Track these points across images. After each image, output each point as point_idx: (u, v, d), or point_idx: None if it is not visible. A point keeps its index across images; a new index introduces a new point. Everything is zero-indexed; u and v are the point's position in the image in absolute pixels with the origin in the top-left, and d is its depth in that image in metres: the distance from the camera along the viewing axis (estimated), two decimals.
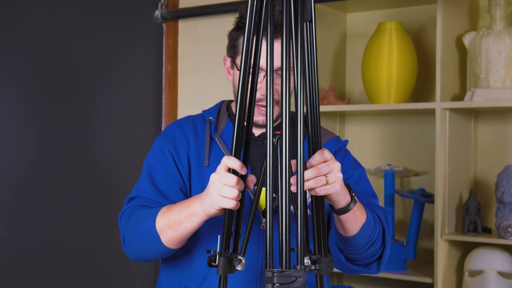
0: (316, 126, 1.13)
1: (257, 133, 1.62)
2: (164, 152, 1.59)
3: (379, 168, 2.98)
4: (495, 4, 2.63)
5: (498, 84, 2.61)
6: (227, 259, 1.14)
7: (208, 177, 1.49)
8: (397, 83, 2.83)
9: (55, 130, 2.42)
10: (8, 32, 2.28)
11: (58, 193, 2.45)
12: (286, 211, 1.05)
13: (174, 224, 1.39)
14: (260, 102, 1.52)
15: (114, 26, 2.66)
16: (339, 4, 3.07)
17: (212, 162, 1.55)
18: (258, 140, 1.55)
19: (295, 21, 1.08)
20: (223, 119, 1.63)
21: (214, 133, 1.59)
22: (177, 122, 1.67)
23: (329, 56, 3.16)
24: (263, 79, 1.48)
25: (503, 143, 2.84)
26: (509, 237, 2.51)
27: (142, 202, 1.55)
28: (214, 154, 1.56)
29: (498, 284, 2.53)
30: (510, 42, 2.60)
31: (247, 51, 1.13)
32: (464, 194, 2.79)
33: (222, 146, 1.57)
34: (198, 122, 1.63)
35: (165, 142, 1.61)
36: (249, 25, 1.11)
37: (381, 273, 2.82)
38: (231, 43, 1.59)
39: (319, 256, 1.10)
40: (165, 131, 1.65)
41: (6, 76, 2.28)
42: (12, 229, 2.26)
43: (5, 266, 2.23)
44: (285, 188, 1.04)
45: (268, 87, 1.08)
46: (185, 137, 1.60)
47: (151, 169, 1.60)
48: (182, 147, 1.58)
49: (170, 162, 1.58)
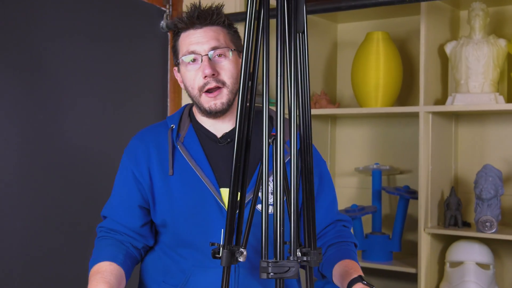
0: (308, 128, 1.14)
1: (219, 133, 1.55)
2: (126, 170, 1.55)
3: (367, 167, 2.99)
4: (475, 15, 2.64)
5: (477, 89, 2.62)
6: (230, 251, 1.15)
7: (174, 186, 1.50)
8: (384, 88, 2.83)
9: (61, 132, 2.40)
10: (24, 41, 2.28)
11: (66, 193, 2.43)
12: (280, 208, 1.05)
13: None
14: (207, 86, 1.47)
15: (124, 35, 2.67)
16: (330, 15, 3.08)
17: (176, 170, 1.50)
18: (221, 141, 1.54)
19: (289, 32, 1.08)
20: (185, 124, 1.56)
21: (176, 141, 1.52)
22: (139, 135, 1.59)
23: (321, 63, 3.17)
24: (201, 63, 1.47)
25: (482, 144, 2.85)
26: (487, 231, 2.52)
27: (111, 225, 1.55)
28: (178, 163, 1.50)
29: (476, 274, 2.54)
30: (488, 50, 2.61)
31: (247, 57, 1.13)
32: (446, 191, 2.79)
33: (185, 153, 1.50)
34: (161, 131, 1.56)
35: (128, 158, 1.56)
36: (248, 33, 1.12)
37: (369, 264, 2.83)
38: (173, 52, 1.56)
39: (309, 249, 1.11)
40: (129, 146, 1.59)
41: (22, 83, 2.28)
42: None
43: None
44: (279, 187, 1.05)
45: (264, 92, 1.09)
46: (146, 149, 1.53)
47: (116, 187, 1.58)
48: (143, 161, 1.52)
49: (130, 180, 1.53)
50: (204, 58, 1.48)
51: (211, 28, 1.50)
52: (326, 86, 3.19)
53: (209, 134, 1.55)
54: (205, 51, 1.48)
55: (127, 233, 1.53)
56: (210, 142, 1.54)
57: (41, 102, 2.33)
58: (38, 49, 2.32)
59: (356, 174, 3.16)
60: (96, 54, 2.54)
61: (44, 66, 2.34)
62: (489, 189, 2.53)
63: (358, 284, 1.32)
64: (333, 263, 1.45)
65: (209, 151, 1.53)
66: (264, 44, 1.09)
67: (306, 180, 1.12)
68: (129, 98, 2.69)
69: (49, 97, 2.36)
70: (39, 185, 2.32)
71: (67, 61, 2.41)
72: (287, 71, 1.09)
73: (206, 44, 1.48)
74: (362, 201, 3.11)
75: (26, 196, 2.28)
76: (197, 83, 1.49)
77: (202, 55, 1.48)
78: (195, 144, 1.53)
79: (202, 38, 1.48)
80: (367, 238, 2.89)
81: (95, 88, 2.54)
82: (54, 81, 2.37)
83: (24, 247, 2.27)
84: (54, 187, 2.37)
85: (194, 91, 1.51)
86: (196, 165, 1.49)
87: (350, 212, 2.86)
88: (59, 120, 2.39)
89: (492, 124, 2.83)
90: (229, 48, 1.50)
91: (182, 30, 1.52)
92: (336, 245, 1.51)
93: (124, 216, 1.54)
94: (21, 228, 2.26)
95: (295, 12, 1.09)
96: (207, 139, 1.54)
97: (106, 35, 2.58)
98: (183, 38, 1.52)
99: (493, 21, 2.81)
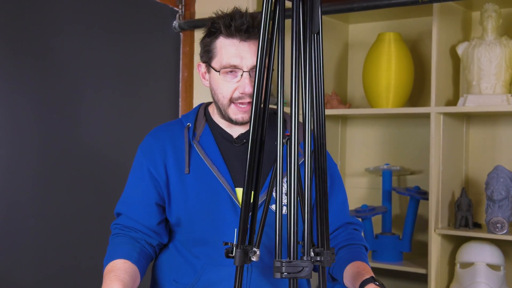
0: (322, 129, 1.13)
1: (235, 134, 1.54)
2: (142, 167, 1.53)
3: (378, 167, 2.98)
4: (487, 17, 2.62)
5: (489, 90, 2.60)
6: (243, 250, 1.15)
7: (189, 184, 1.49)
8: (395, 89, 2.82)
9: (75, 131, 2.41)
10: (40, 42, 2.29)
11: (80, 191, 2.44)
12: (294, 209, 1.05)
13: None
14: (240, 100, 1.46)
15: (137, 34, 2.67)
16: (342, 16, 3.07)
17: (193, 169, 1.49)
18: (237, 141, 1.53)
19: (304, 32, 1.08)
20: (201, 124, 1.55)
21: (192, 139, 1.51)
22: (154, 132, 1.58)
23: (332, 63, 3.16)
24: (240, 78, 1.44)
25: (493, 145, 2.83)
26: (498, 232, 2.51)
27: (125, 222, 1.53)
28: (194, 161, 1.50)
29: (487, 275, 2.52)
30: (500, 51, 2.59)
31: (262, 57, 1.12)
32: (456, 192, 2.78)
33: (201, 152, 1.50)
34: (176, 129, 1.55)
35: (143, 155, 1.54)
36: (263, 33, 1.11)
37: (379, 264, 2.82)
38: (204, 49, 1.51)
39: (322, 249, 1.10)
40: (144, 143, 1.58)
41: (37, 82, 2.29)
42: (8, 227, 2.19)
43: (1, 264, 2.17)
44: (293, 186, 1.05)
45: (278, 92, 1.08)
46: (162, 147, 1.52)
47: (131, 184, 1.56)
48: (160, 158, 1.51)
49: (146, 177, 1.52)
50: (245, 75, 1.45)
51: (255, 43, 1.45)
52: (337, 87, 3.18)
53: (225, 134, 1.54)
54: (247, 67, 1.44)
55: (142, 230, 1.53)
56: (226, 142, 1.54)
57: (55, 101, 2.34)
58: (52, 47, 2.33)
59: (367, 174, 3.15)
60: (109, 53, 2.54)
61: (58, 65, 2.35)
62: (500, 190, 2.52)
63: (371, 284, 1.32)
64: (344, 265, 1.44)
65: (225, 151, 1.52)
66: (279, 45, 1.08)
67: (320, 180, 1.12)
68: (142, 97, 2.70)
69: (63, 97, 2.37)
70: (54, 183, 2.33)
71: (80, 60, 2.42)
72: (302, 72, 1.08)
73: (249, 60, 1.44)
74: (372, 202, 3.10)
75: (42, 194, 2.29)
76: (231, 94, 1.47)
77: (244, 70, 1.45)
78: (211, 143, 1.52)
79: (247, 54, 1.45)
80: (377, 238, 2.88)
81: (108, 87, 2.55)
82: (68, 80, 2.38)
83: (38, 244, 2.28)
84: (68, 185, 2.38)
85: (224, 100, 1.48)
86: (212, 164, 1.49)
87: (361, 212, 2.85)
88: (73, 120, 2.40)
89: (503, 125, 2.81)
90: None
91: (224, 35, 1.46)
92: (346, 248, 1.51)
93: (140, 213, 1.53)
94: (36, 225, 2.28)
95: (310, 12, 1.09)
96: (222, 139, 1.54)
97: (119, 34, 2.59)
98: (225, 45, 1.46)
99: (505, 22, 2.79)
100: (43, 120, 2.30)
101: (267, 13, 1.11)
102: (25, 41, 2.24)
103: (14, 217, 2.21)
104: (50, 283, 2.31)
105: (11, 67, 2.20)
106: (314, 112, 1.12)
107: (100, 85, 2.50)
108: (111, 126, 2.54)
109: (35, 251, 2.27)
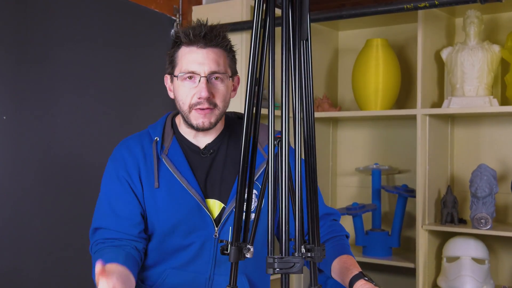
0: (311, 130, 1.13)
1: (202, 145, 1.51)
2: (119, 178, 1.47)
3: (367, 167, 2.98)
4: (470, 23, 2.63)
5: (472, 92, 2.61)
6: (238, 247, 1.14)
7: (159, 199, 1.45)
8: (383, 92, 2.83)
9: (72, 137, 2.40)
10: (43, 50, 2.28)
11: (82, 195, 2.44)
12: (286, 208, 1.05)
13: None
14: (199, 106, 1.43)
15: (134, 42, 2.67)
16: (332, 23, 3.08)
17: (162, 183, 1.45)
18: (204, 152, 1.50)
19: (293, 39, 1.08)
20: (169, 136, 1.50)
21: (160, 153, 1.47)
22: (126, 144, 1.52)
23: (323, 68, 3.16)
24: (198, 84, 1.42)
25: (477, 144, 2.84)
26: (482, 227, 2.51)
27: (106, 235, 1.45)
28: (163, 174, 1.45)
29: (472, 269, 2.53)
30: (482, 55, 2.59)
31: (254, 63, 1.12)
32: (442, 190, 2.78)
33: (170, 165, 1.45)
34: (145, 142, 1.50)
35: (118, 167, 1.48)
36: (255, 41, 1.12)
37: (369, 259, 2.82)
38: (169, 60, 1.49)
39: (312, 246, 1.10)
40: (116, 154, 1.51)
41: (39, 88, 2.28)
42: (15, 225, 2.16)
43: None
44: (284, 187, 1.04)
45: (270, 96, 1.08)
46: (135, 160, 1.47)
47: (109, 195, 1.48)
48: (134, 170, 1.46)
49: (126, 188, 1.46)
50: (202, 80, 1.43)
51: (214, 50, 1.44)
52: (328, 90, 3.18)
53: (192, 146, 1.51)
54: (204, 73, 1.43)
55: (127, 238, 1.45)
56: (193, 154, 1.50)
57: (58, 107, 2.33)
58: (54, 55, 2.32)
59: (357, 173, 3.16)
60: (109, 60, 2.54)
61: (60, 71, 2.34)
62: (484, 187, 2.52)
63: (360, 280, 1.31)
64: (330, 259, 1.43)
65: (193, 163, 1.49)
66: (270, 51, 1.08)
67: (310, 179, 1.12)
68: (140, 103, 2.69)
69: (65, 102, 2.36)
70: (58, 183, 2.33)
71: (82, 67, 2.42)
72: (292, 77, 1.08)
73: (207, 66, 1.43)
74: (362, 200, 3.10)
75: (46, 194, 2.29)
76: (190, 100, 1.44)
77: (201, 76, 1.43)
78: (179, 156, 1.48)
79: (204, 60, 1.43)
80: (367, 234, 2.88)
81: (105, 94, 2.54)
82: (69, 86, 2.38)
83: (43, 241, 2.28)
84: (71, 185, 2.37)
85: (184, 106, 1.46)
86: (182, 176, 1.45)
87: (352, 210, 2.85)
88: (74, 124, 2.40)
89: (486, 125, 2.81)
90: (227, 74, 1.46)
91: (185, 44, 1.46)
92: (330, 241, 1.50)
93: (125, 224, 1.45)
94: (40, 223, 2.27)
95: (299, 20, 1.09)
96: (190, 151, 1.51)
97: (119, 42, 2.59)
98: (185, 53, 1.45)
99: (487, 28, 2.80)
100: (46, 123, 2.30)
101: (258, 21, 1.12)
102: (29, 49, 2.23)
103: (19, 216, 2.21)
104: (54, 278, 2.31)
105: (15, 73, 2.19)
106: (304, 114, 1.12)
107: (97, 92, 2.49)
108: (109, 132, 2.53)
109: (40, 248, 2.26)
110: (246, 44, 2.68)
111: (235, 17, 2.74)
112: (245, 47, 2.68)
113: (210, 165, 1.50)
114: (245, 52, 2.65)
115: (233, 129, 1.55)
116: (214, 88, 1.45)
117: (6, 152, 2.17)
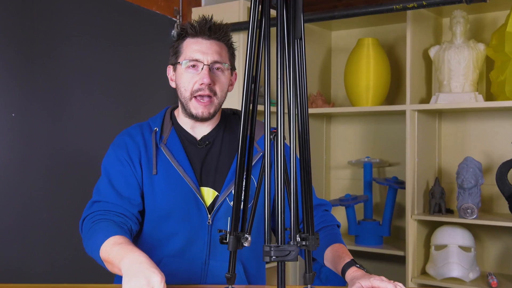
0: (305, 125, 1.14)
1: (198, 136, 1.52)
2: (121, 160, 1.47)
3: (359, 160, 2.99)
4: (456, 22, 2.63)
5: (458, 89, 2.62)
6: (236, 237, 1.15)
7: (156, 185, 1.45)
8: (373, 89, 2.83)
9: (77, 135, 2.40)
10: (48, 50, 2.28)
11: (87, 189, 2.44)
12: (282, 198, 1.05)
13: (109, 262, 1.29)
14: (200, 92, 1.45)
15: (138, 43, 2.67)
16: (325, 24, 3.08)
17: (160, 170, 1.46)
18: (200, 143, 1.51)
19: (288, 38, 1.08)
20: (167, 127, 1.52)
21: (159, 143, 1.49)
22: (128, 132, 1.54)
23: (317, 67, 3.17)
24: (200, 71, 1.45)
25: (463, 138, 2.85)
26: (468, 217, 2.52)
27: (106, 207, 1.43)
28: (161, 163, 1.47)
29: (459, 256, 2.54)
30: (468, 53, 2.60)
31: (250, 61, 1.13)
32: (430, 181, 2.79)
33: (168, 154, 1.47)
34: (145, 132, 1.52)
35: (120, 150, 1.49)
36: (251, 40, 1.12)
37: (361, 247, 2.83)
38: (173, 52, 1.51)
39: (307, 235, 1.10)
40: (118, 140, 1.52)
41: (46, 87, 2.28)
42: (23, 220, 2.16)
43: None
44: (280, 179, 1.05)
45: (265, 93, 1.08)
46: (137, 146, 1.49)
47: (111, 175, 1.48)
48: (135, 155, 1.48)
49: (128, 169, 1.47)
50: (205, 68, 1.46)
51: (217, 43, 1.48)
52: (322, 88, 3.19)
53: (189, 137, 1.53)
54: (207, 61, 1.46)
55: (126, 214, 1.44)
56: (190, 145, 1.52)
57: (65, 105, 2.33)
58: (59, 55, 2.32)
59: (349, 166, 3.16)
60: (111, 60, 2.54)
61: (65, 71, 2.34)
62: (470, 179, 2.53)
63: (352, 267, 1.32)
64: (323, 247, 1.44)
65: (190, 153, 1.50)
66: (265, 50, 1.09)
67: (304, 172, 1.12)
68: (142, 102, 2.69)
69: (71, 101, 2.36)
70: (65, 180, 2.33)
71: (86, 67, 2.41)
72: (286, 74, 1.09)
73: (210, 56, 1.46)
74: (354, 191, 3.11)
75: (53, 190, 2.29)
76: (192, 87, 1.46)
77: (204, 64, 1.46)
78: (177, 146, 1.50)
79: (208, 49, 1.47)
80: (359, 224, 2.89)
81: (111, 91, 2.54)
82: (74, 86, 2.38)
83: (50, 235, 2.28)
84: (78, 182, 2.37)
85: (186, 93, 1.48)
86: (178, 165, 1.47)
87: (344, 201, 2.86)
88: (79, 122, 2.39)
89: (472, 120, 2.82)
90: (228, 65, 1.50)
91: (190, 36, 1.49)
92: (322, 230, 1.51)
93: (124, 200, 1.44)
94: (48, 218, 2.27)
95: (293, 20, 1.09)
96: (187, 142, 1.52)
97: (121, 43, 2.59)
98: (189, 43, 1.49)
99: (472, 27, 2.80)
100: (54, 120, 2.30)
101: (254, 22, 1.12)
102: (37, 48, 2.23)
103: (28, 211, 2.21)
104: (60, 271, 2.31)
105: (23, 72, 2.19)
106: (299, 110, 1.12)
107: (100, 91, 2.49)
108: (116, 128, 2.52)
109: (47, 241, 2.26)
110: (243, 43, 2.68)
111: (233, 18, 2.74)
112: (242, 47, 2.68)
113: (206, 155, 1.51)
114: (242, 51, 2.66)
115: (228, 123, 1.57)
116: (215, 77, 1.48)
117: (15, 148, 2.17)
